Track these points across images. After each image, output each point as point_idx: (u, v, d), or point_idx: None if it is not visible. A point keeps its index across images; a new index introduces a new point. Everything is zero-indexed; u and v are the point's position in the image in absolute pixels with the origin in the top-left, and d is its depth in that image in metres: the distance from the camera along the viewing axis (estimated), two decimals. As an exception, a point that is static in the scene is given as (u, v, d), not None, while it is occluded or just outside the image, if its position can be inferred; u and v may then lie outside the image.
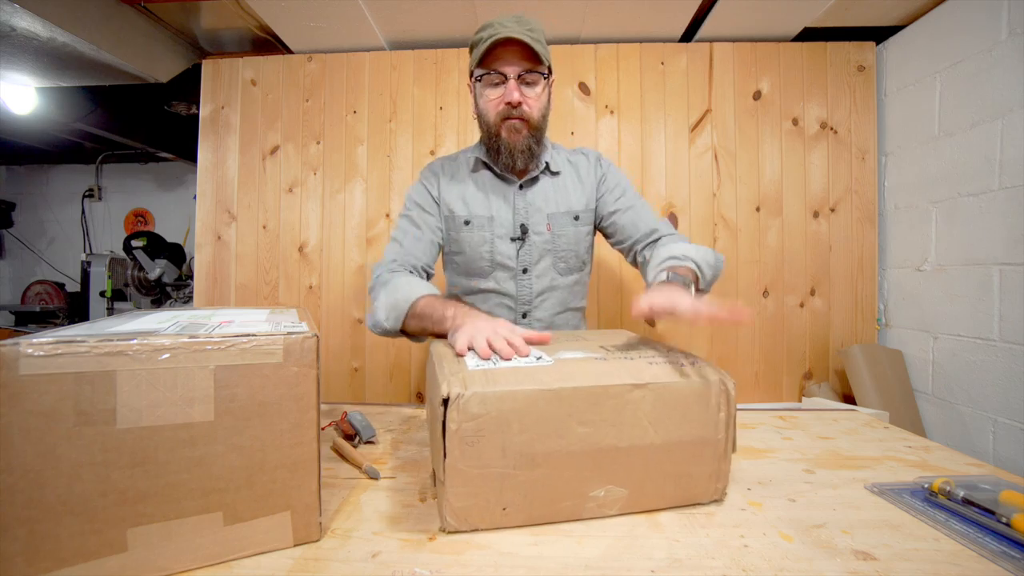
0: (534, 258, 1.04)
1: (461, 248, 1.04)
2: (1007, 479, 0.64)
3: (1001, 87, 1.38)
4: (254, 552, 0.47)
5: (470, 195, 1.05)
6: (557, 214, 1.05)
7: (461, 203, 1.04)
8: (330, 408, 0.92)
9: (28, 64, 1.80)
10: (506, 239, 1.03)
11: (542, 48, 0.92)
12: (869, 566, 0.47)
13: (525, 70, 0.93)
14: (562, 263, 1.06)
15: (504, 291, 1.04)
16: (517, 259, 1.04)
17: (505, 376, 0.54)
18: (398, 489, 0.62)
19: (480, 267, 1.04)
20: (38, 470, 0.39)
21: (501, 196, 1.05)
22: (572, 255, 1.06)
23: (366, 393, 1.93)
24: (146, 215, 3.50)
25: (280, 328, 0.50)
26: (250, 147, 1.97)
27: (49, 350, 0.40)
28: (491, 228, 1.03)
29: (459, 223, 1.04)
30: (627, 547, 0.50)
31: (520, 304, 1.06)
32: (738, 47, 1.87)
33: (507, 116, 0.95)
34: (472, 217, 1.03)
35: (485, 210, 1.04)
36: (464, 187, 1.05)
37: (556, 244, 1.05)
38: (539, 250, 1.04)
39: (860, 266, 1.83)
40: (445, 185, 1.06)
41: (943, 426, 1.57)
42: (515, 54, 0.92)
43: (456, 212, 1.04)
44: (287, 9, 1.68)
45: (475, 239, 1.03)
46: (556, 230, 1.04)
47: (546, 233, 1.04)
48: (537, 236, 1.04)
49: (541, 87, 0.97)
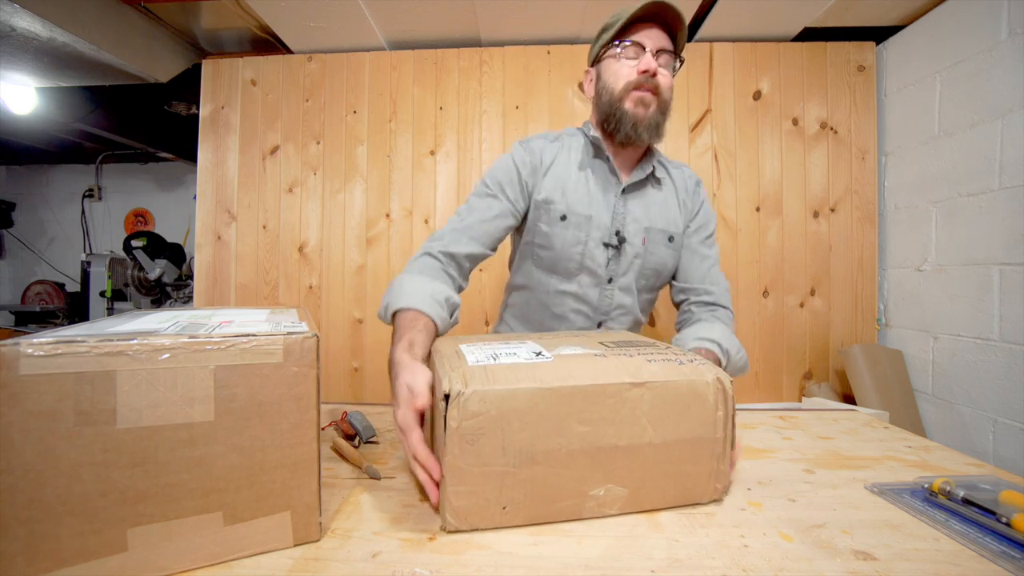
0: (622, 269, 0.98)
1: (551, 243, 0.96)
2: (1007, 479, 0.64)
3: (1001, 87, 1.38)
4: (254, 552, 0.47)
5: (571, 186, 0.96)
6: (654, 229, 0.98)
7: (560, 193, 0.95)
8: (330, 408, 0.92)
9: (28, 64, 1.80)
10: (599, 244, 0.96)
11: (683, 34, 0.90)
12: (869, 566, 0.47)
13: (663, 47, 0.89)
14: (644, 279, 1.00)
15: (585, 298, 0.99)
16: (607, 267, 0.97)
17: (505, 373, 0.54)
18: (398, 489, 0.62)
19: (567, 267, 0.97)
20: (38, 470, 0.39)
21: (602, 195, 0.96)
22: (655, 275, 1.01)
23: (366, 393, 1.93)
24: (146, 215, 3.50)
25: (280, 328, 0.50)
26: (250, 147, 1.97)
27: (49, 350, 0.40)
28: (587, 229, 0.95)
29: (554, 216, 0.95)
30: (627, 547, 0.50)
31: (598, 314, 1.00)
32: (738, 47, 1.87)
33: (638, 86, 0.89)
34: (570, 213, 0.95)
35: (585, 207, 0.95)
36: (565, 175, 0.97)
37: (646, 260, 0.98)
38: (628, 262, 0.97)
39: (860, 266, 1.83)
40: (544, 168, 0.97)
41: (943, 426, 1.57)
42: (656, 32, 0.89)
43: (554, 202, 0.95)
44: (287, 9, 1.68)
45: (568, 238, 0.95)
46: (650, 246, 0.98)
47: (640, 246, 0.97)
48: (631, 247, 0.97)
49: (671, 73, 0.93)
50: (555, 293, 1.00)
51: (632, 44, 0.89)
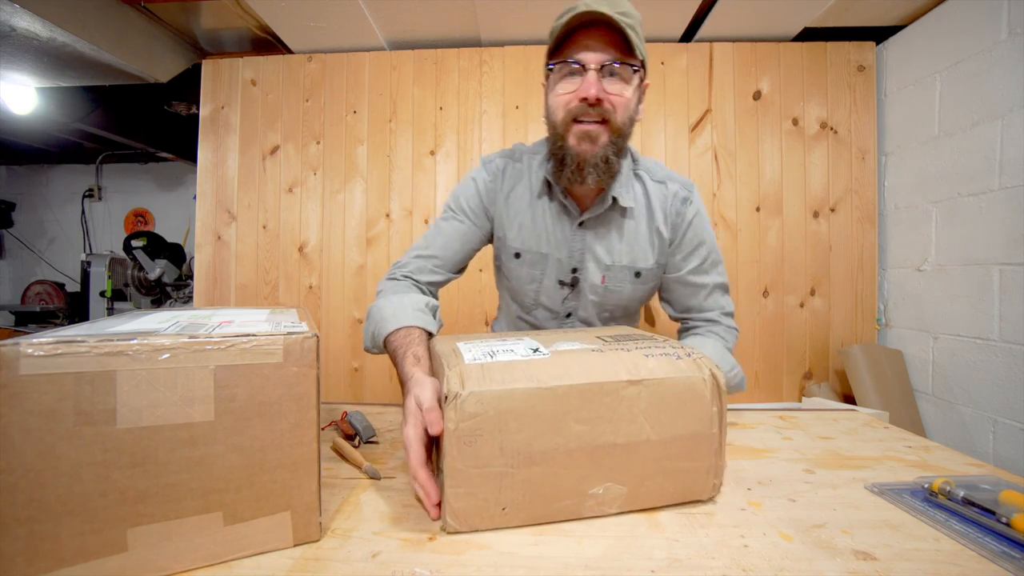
0: (579, 305, 0.93)
1: (509, 276, 0.95)
2: (1007, 479, 0.64)
3: (1001, 87, 1.38)
4: (254, 552, 0.47)
5: (526, 223, 0.90)
6: (616, 267, 0.89)
7: (516, 228, 0.90)
8: (330, 408, 0.92)
9: (28, 64, 1.80)
10: (554, 281, 0.91)
11: (636, 35, 0.73)
12: (869, 566, 0.47)
13: (612, 60, 0.73)
14: (607, 313, 0.94)
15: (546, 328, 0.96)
16: (563, 304, 0.93)
17: (502, 371, 0.54)
18: (398, 489, 0.62)
19: (524, 302, 0.96)
20: (38, 470, 0.39)
21: (559, 230, 0.89)
22: (621, 310, 0.94)
23: (366, 393, 1.93)
24: (146, 215, 3.50)
25: (280, 328, 0.50)
26: (250, 147, 1.97)
27: (49, 350, 0.40)
28: (541, 267, 0.90)
29: (509, 252, 0.92)
30: (627, 547, 0.50)
31: None
32: (738, 47, 1.87)
33: (579, 117, 0.75)
34: (525, 251, 0.90)
35: (540, 244, 0.89)
36: (520, 210, 0.90)
37: (605, 299, 0.91)
38: (586, 300, 0.92)
39: (860, 266, 1.83)
40: (503, 199, 0.91)
41: (943, 426, 1.57)
42: (600, 40, 0.73)
43: (508, 239, 0.91)
44: (287, 9, 1.68)
45: (523, 275, 0.92)
46: (611, 284, 0.90)
47: (599, 286, 0.90)
48: (588, 286, 0.90)
49: (632, 85, 0.76)
50: (518, 319, 1.00)
51: (572, 62, 0.74)
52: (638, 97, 0.80)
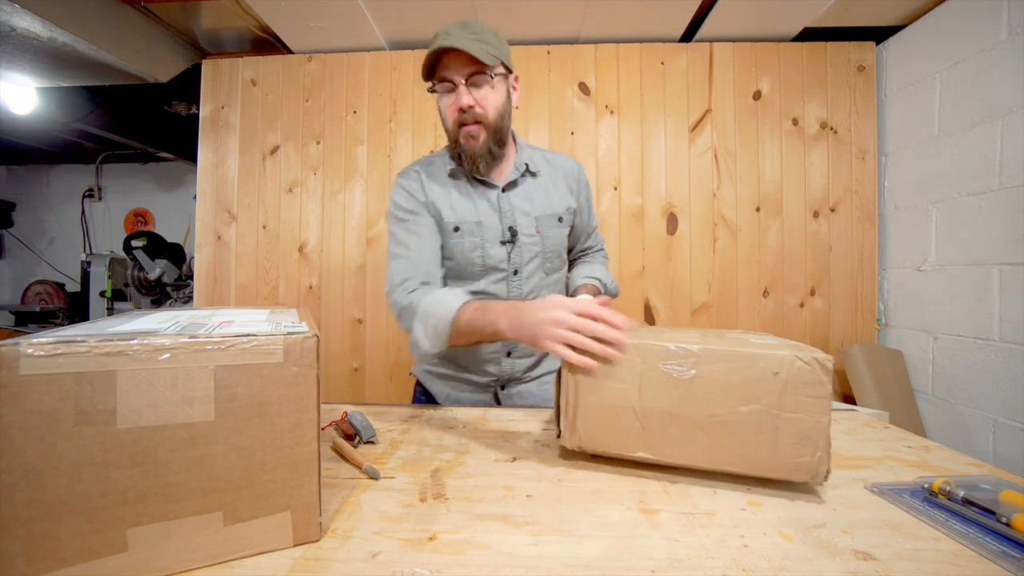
0: (524, 259, 1.04)
1: (451, 254, 1.02)
2: (1007, 479, 0.64)
3: (1001, 87, 1.38)
4: (254, 552, 0.47)
5: (455, 200, 1.02)
6: (543, 216, 1.05)
7: (449, 209, 1.02)
8: (330, 408, 0.92)
9: (28, 64, 1.80)
10: (496, 243, 1.02)
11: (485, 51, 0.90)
12: (869, 566, 0.47)
13: (472, 73, 0.92)
14: (548, 263, 1.07)
15: (494, 293, 1.03)
16: (509, 261, 1.03)
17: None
18: (398, 489, 0.62)
19: (471, 271, 1.03)
20: (38, 470, 0.39)
21: (486, 200, 1.03)
22: (556, 255, 1.08)
23: (366, 393, 1.93)
24: (146, 215, 3.50)
25: (280, 328, 0.50)
26: (250, 147, 1.97)
27: (49, 350, 0.40)
28: (480, 233, 1.01)
29: (448, 229, 1.02)
30: (627, 547, 0.50)
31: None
32: (738, 47, 1.87)
33: (463, 122, 0.95)
34: (461, 223, 1.01)
35: (473, 215, 1.01)
36: (447, 192, 1.03)
37: (544, 245, 1.05)
38: (529, 252, 1.04)
39: (860, 266, 1.83)
40: (430, 189, 1.03)
41: (943, 426, 1.57)
42: (460, 60, 0.90)
43: (445, 218, 1.01)
44: (287, 9, 1.68)
45: (466, 245, 1.01)
46: (544, 232, 1.05)
47: (535, 235, 1.04)
48: (527, 238, 1.03)
49: (494, 86, 0.95)
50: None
51: (445, 81, 0.93)
52: (506, 91, 0.98)
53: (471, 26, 0.92)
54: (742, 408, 0.60)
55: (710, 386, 0.61)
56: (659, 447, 0.64)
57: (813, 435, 0.58)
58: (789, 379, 0.58)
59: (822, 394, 0.57)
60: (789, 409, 0.58)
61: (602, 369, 0.65)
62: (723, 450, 0.61)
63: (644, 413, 0.64)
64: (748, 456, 0.61)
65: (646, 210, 1.88)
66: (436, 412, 0.97)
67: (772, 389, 0.59)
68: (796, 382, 0.58)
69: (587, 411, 0.66)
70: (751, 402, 0.60)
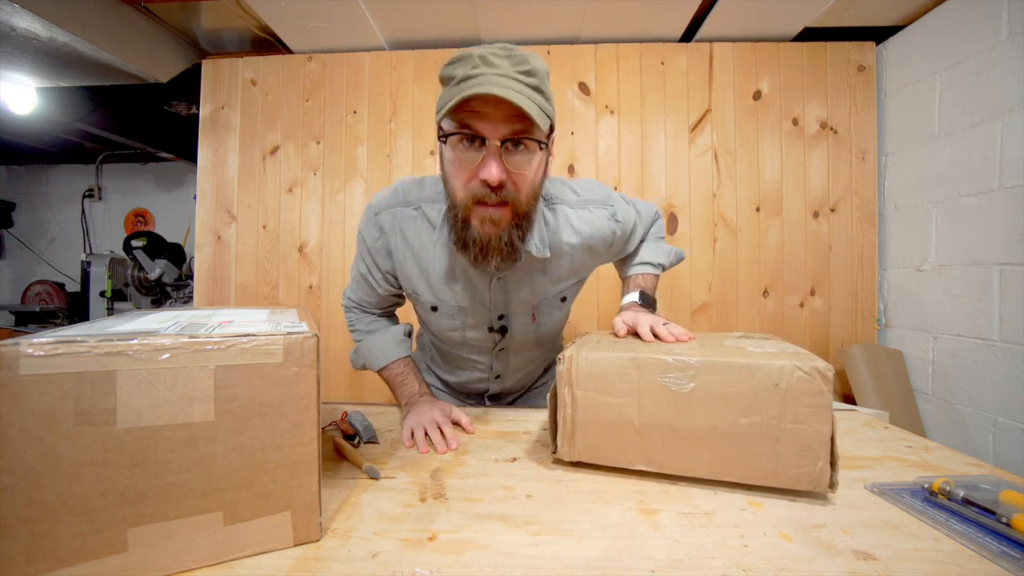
0: (514, 343, 0.91)
1: (429, 323, 0.91)
2: (1007, 479, 0.64)
3: (1001, 87, 1.38)
4: (254, 552, 0.47)
5: (435, 278, 0.83)
6: (544, 301, 0.87)
7: (425, 284, 0.84)
8: (330, 408, 0.92)
9: (28, 64, 1.80)
10: (482, 328, 0.88)
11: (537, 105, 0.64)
12: (869, 566, 0.47)
13: (513, 132, 0.65)
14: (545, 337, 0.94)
15: (477, 360, 0.95)
16: (496, 346, 0.92)
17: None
18: (398, 489, 0.62)
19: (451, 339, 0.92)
20: (38, 470, 0.39)
21: (473, 283, 0.83)
22: (556, 330, 0.97)
23: (366, 393, 1.93)
24: (146, 215, 3.50)
25: (280, 328, 0.50)
26: (250, 147, 1.97)
27: (49, 350, 0.40)
28: (462, 318, 0.86)
29: (425, 306, 0.87)
30: (627, 547, 0.50)
31: (494, 372, 0.98)
32: (738, 47, 1.87)
33: (482, 199, 0.69)
34: (441, 304, 0.85)
35: (453, 299, 0.84)
36: (428, 259, 0.82)
37: (540, 331, 0.91)
38: (521, 338, 0.90)
39: (860, 266, 1.83)
40: (399, 255, 0.84)
41: (943, 426, 1.57)
42: (502, 111, 0.64)
43: (420, 295, 0.86)
44: (287, 9, 1.68)
45: (445, 324, 0.88)
46: (542, 318, 0.89)
47: (531, 324, 0.88)
48: (520, 326, 0.88)
49: (536, 156, 0.69)
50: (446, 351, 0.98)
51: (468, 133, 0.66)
52: (545, 163, 0.72)
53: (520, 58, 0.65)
54: (742, 420, 0.59)
55: (709, 399, 0.60)
56: (659, 460, 0.64)
57: (814, 445, 0.57)
58: (789, 390, 0.58)
59: (822, 404, 0.57)
60: (790, 420, 0.58)
61: (600, 384, 0.65)
62: (724, 462, 0.61)
63: (643, 427, 0.63)
64: (749, 467, 0.60)
65: (646, 210, 1.88)
66: (436, 412, 0.97)
67: (772, 400, 0.58)
68: (796, 392, 0.57)
69: (586, 426, 0.66)
70: (751, 414, 0.59)
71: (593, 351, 0.66)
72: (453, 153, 0.69)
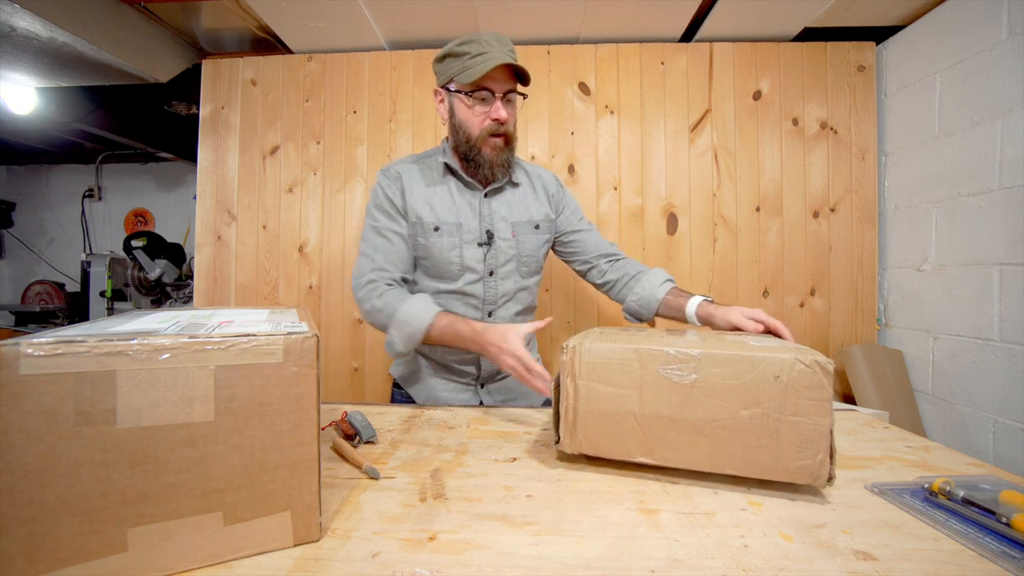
0: (500, 262, 1.09)
1: (430, 253, 1.07)
2: (1007, 479, 0.64)
3: (1001, 87, 1.38)
4: (254, 552, 0.47)
5: (437, 202, 1.08)
6: (520, 223, 1.11)
7: (428, 209, 1.07)
8: (330, 408, 0.92)
9: (28, 64, 1.80)
10: (473, 244, 1.07)
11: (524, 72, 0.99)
12: (869, 566, 0.47)
13: (510, 89, 1.01)
14: (524, 267, 1.12)
15: (470, 292, 1.09)
16: (484, 263, 1.08)
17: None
18: (398, 489, 0.62)
19: (449, 271, 1.08)
20: (38, 470, 0.39)
21: (467, 203, 1.09)
22: (533, 260, 1.13)
23: (366, 393, 1.93)
24: (146, 215, 3.50)
25: (280, 328, 0.50)
26: (250, 147, 1.97)
27: (49, 350, 0.40)
28: (459, 234, 1.07)
29: (428, 229, 1.07)
30: (627, 547, 0.50)
31: (486, 304, 1.11)
32: (738, 47, 1.87)
33: (493, 133, 1.01)
34: (441, 224, 1.06)
35: (453, 216, 1.07)
36: (430, 193, 1.08)
37: (520, 250, 1.11)
38: (504, 255, 1.09)
39: (860, 266, 1.83)
40: (409, 191, 1.08)
41: (943, 426, 1.57)
42: (504, 75, 0.98)
43: (424, 219, 1.06)
44: (287, 9, 1.68)
45: (444, 244, 1.06)
46: (520, 237, 1.11)
47: (511, 239, 1.10)
48: (503, 242, 1.09)
49: (519, 103, 1.05)
50: (443, 294, 1.10)
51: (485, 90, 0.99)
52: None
53: (505, 42, 0.98)
54: (743, 412, 0.60)
55: (711, 390, 0.61)
56: (660, 452, 0.64)
57: (814, 438, 0.58)
58: (790, 382, 0.58)
59: (823, 397, 0.57)
60: (790, 412, 0.58)
61: (602, 375, 0.65)
62: (724, 454, 0.61)
63: (645, 418, 0.64)
64: (749, 460, 0.60)
65: (646, 210, 1.88)
66: (436, 412, 0.97)
67: (773, 393, 0.58)
68: (797, 385, 0.58)
69: (587, 417, 0.67)
70: (752, 406, 0.59)
71: (596, 342, 0.67)
72: (472, 102, 1.00)
